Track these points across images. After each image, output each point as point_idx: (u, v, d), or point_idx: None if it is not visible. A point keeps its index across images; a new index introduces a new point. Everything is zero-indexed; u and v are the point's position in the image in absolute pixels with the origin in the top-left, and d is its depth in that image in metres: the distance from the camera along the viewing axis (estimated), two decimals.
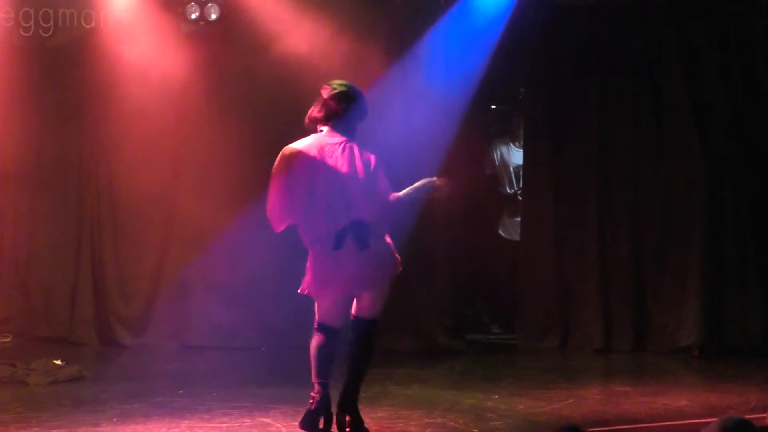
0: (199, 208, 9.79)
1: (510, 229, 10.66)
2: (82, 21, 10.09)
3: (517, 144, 10.61)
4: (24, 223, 10.35)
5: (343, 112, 6.56)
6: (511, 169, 10.67)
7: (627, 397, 7.87)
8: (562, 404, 7.51)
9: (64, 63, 10.26)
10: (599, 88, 9.87)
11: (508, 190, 10.72)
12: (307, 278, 6.55)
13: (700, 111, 9.69)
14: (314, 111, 6.61)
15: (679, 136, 9.71)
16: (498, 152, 10.77)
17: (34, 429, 6.70)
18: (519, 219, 10.43)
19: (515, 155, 10.63)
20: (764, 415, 6.60)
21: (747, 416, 5.20)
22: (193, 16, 9.99)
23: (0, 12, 10.03)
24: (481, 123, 10.79)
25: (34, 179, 10.28)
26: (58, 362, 8.58)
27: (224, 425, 6.78)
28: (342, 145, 6.52)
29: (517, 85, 10.64)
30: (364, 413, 6.75)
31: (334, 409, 6.55)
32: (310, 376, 6.63)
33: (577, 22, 9.89)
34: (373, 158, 6.62)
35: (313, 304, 6.67)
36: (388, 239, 6.63)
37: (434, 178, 6.65)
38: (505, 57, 10.02)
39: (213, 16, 9.98)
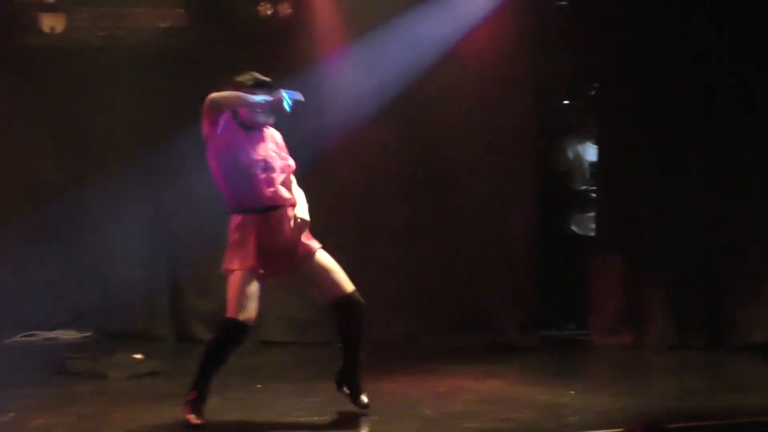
0: None
1: (582, 225, 10.58)
2: (158, 20, 10.16)
3: (591, 141, 10.52)
4: (102, 219, 10.44)
5: None
6: (585, 166, 10.59)
7: (702, 393, 7.79)
8: (637, 400, 7.42)
9: (141, 63, 10.32)
10: (673, 82, 9.73)
11: (581, 187, 10.63)
12: None
13: None
14: None
15: (755, 130, 9.57)
16: (572, 148, 10.70)
17: (115, 422, 6.75)
18: (591, 215, 10.36)
19: (589, 152, 10.54)
20: None
21: None
22: (267, 15, 10.03)
23: (78, 12, 10.14)
24: (555, 119, 10.76)
25: (111, 177, 10.36)
26: (138, 357, 8.64)
27: (302, 419, 6.78)
28: None
29: (590, 81, 10.56)
30: (440, 407, 6.75)
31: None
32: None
33: (650, 16, 9.76)
34: None
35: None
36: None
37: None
38: (577, 51, 9.96)
39: (286, 15, 10.01)
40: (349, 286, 6.86)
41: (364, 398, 6.92)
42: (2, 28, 9.98)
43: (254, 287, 6.67)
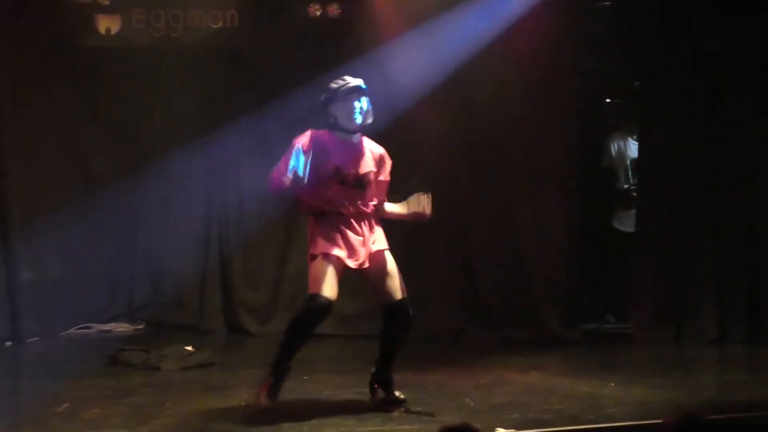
0: None
1: (624, 221, 10.56)
2: (210, 21, 10.25)
3: (634, 137, 10.49)
4: (155, 215, 10.54)
5: None
6: (628, 162, 10.57)
7: (742, 386, 7.77)
8: (678, 393, 7.43)
9: (194, 63, 10.42)
10: (716, 79, 9.71)
11: (624, 185, 10.63)
12: None
13: None
14: None
15: None
16: (615, 145, 10.68)
17: (167, 412, 6.80)
18: (633, 212, 10.36)
19: (632, 148, 10.53)
20: None
21: None
22: (316, 15, 10.10)
23: (134, 14, 10.26)
24: (597, 116, 10.75)
25: (164, 172, 10.46)
26: (189, 348, 8.73)
27: (348, 409, 6.84)
28: None
29: (633, 77, 10.57)
30: (483, 399, 6.85)
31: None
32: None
33: (693, 15, 9.74)
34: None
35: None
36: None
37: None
38: (619, 49, 9.96)
39: (335, 15, 10.08)
40: (400, 293, 6.89)
41: (398, 393, 6.98)
42: (59, 30, 10.09)
43: (332, 271, 6.70)
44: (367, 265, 6.80)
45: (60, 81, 10.16)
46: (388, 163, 7.01)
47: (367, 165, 6.87)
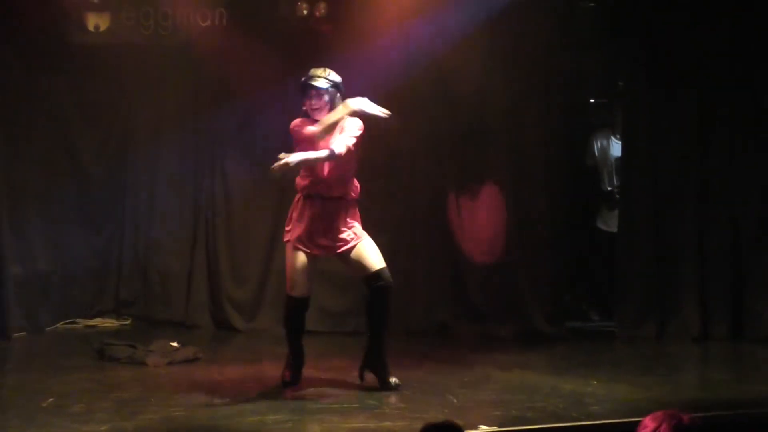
0: None
1: (609, 221, 10.51)
2: (199, 19, 10.19)
3: (617, 136, 10.45)
4: (142, 211, 10.49)
5: None
6: (611, 162, 10.53)
7: (725, 384, 7.76)
8: (660, 391, 7.42)
9: (182, 60, 10.36)
10: (699, 79, 9.68)
11: (607, 186, 10.57)
12: None
13: None
14: None
15: None
16: (598, 143, 10.65)
17: (153, 407, 6.77)
18: (617, 212, 10.30)
19: (615, 147, 10.48)
20: None
21: None
22: (303, 14, 10.05)
23: (123, 11, 10.19)
24: (581, 116, 10.73)
25: (151, 169, 10.42)
26: (175, 344, 8.68)
27: (333, 406, 6.79)
28: None
29: (617, 79, 10.52)
30: (467, 396, 6.83)
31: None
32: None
33: (677, 16, 9.70)
34: None
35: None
36: None
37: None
38: (604, 49, 9.93)
39: (322, 14, 10.02)
40: (379, 263, 7.19)
41: (393, 379, 7.24)
42: (48, 26, 10.01)
43: (303, 262, 7.19)
44: (335, 252, 7.22)
45: (48, 77, 10.08)
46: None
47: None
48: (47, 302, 10.00)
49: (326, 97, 7.24)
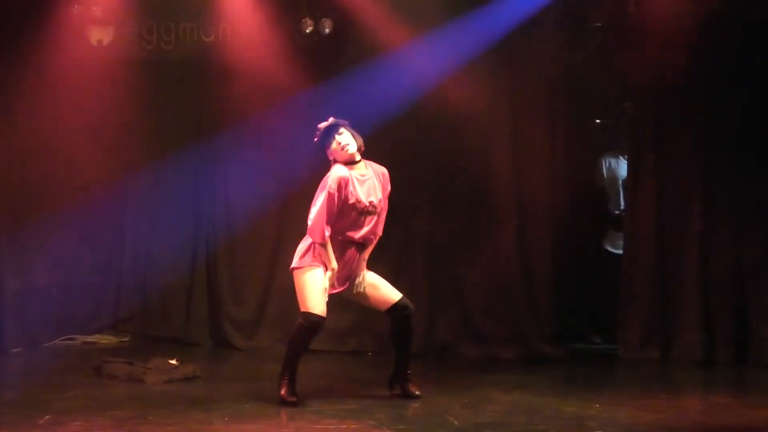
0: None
1: (617, 242, 10.46)
2: (202, 35, 10.21)
3: (626, 156, 10.42)
4: (142, 226, 10.48)
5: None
6: (620, 183, 10.50)
7: (728, 409, 7.70)
8: (663, 415, 7.36)
9: (185, 75, 10.36)
10: (705, 100, 9.68)
11: (614, 210, 10.54)
12: None
13: None
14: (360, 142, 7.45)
15: None
16: (607, 163, 10.64)
17: (150, 425, 6.73)
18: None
19: (623, 167, 10.46)
20: None
21: None
22: (308, 31, 10.06)
23: (126, 26, 10.20)
24: (587, 137, 10.72)
25: (152, 185, 10.42)
26: (174, 362, 8.63)
27: (332, 427, 6.76)
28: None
29: (624, 99, 10.51)
30: (467, 418, 6.82)
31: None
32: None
33: (683, 35, 9.68)
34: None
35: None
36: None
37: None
38: (610, 70, 9.93)
39: (327, 31, 10.03)
40: (396, 296, 7.54)
41: (413, 389, 7.62)
42: (51, 40, 10.01)
43: (320, 285, 7.32)
44: (341, 289, 7.49)
45: (50, 91, 10.06)
46: (389, 179, 7.60)
47: (377, 191, 7.46)
48: (45, 318, 9.97)
49: (348, 130, 7.41)
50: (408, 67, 9.80)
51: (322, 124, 7.46)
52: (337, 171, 7.30)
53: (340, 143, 7.34)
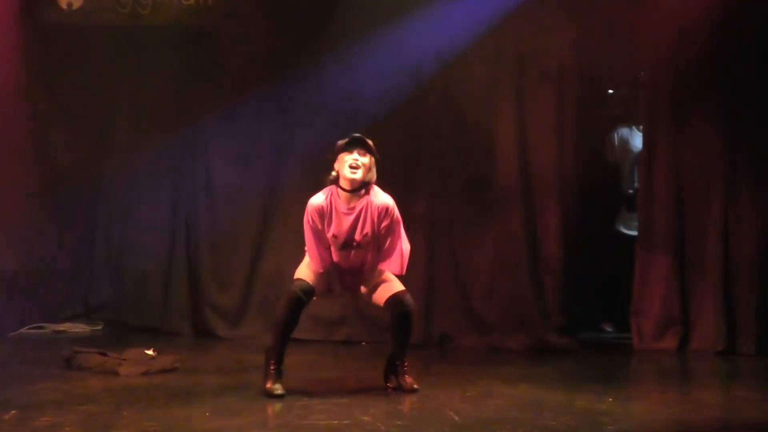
0: (300, 198, 9.81)
1: (629, 223, 10.50)
2: None
3: (640, 127, 10.40)
4: (117, 208, 10.46)
5: None
6: (633, 156, 10.50)
7: (750, 403, 7.70)
8: (681, 409, 7.34)
9: (163, 44, 10.35)
10: (726, 68, 9.67)
11: (628, 184, 10.55)
12: None
13: None
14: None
15: None
16: (618, 138, 10.64)
17: (125, 421, 6.70)
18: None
19: (638, 140, 10.45)
20: None
21: None
22: None
23: None
24: (599, 109, 10.73)
25: (128, 163, 10.40)
26: (151, 352, 8.62)
27: (322, 423, 6.75)
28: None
29: (637, 68, 10.49)
30: (469, 413, 6.83)
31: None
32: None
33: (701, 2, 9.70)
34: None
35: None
36: None
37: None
38: (623, 35, 9.93)
39: None
40: (395, 288, 7.44)
41: (410, 382, 7.57)
42: (17, 4, 9.99)
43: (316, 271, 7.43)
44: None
45: (16, 59, 10.05)
46: (393, 215, 7.40)
47: (365, 225, 7.36)
48: (11, 305, 10.02)
49: (368, 161, 7.36)
50: (410, 39, 9.84)
51: (355, 134, 7.38)
52: (314, 201, 7.38)
53: (356, 160, 7.28)
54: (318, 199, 7.37)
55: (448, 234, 10.01)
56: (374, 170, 7.40)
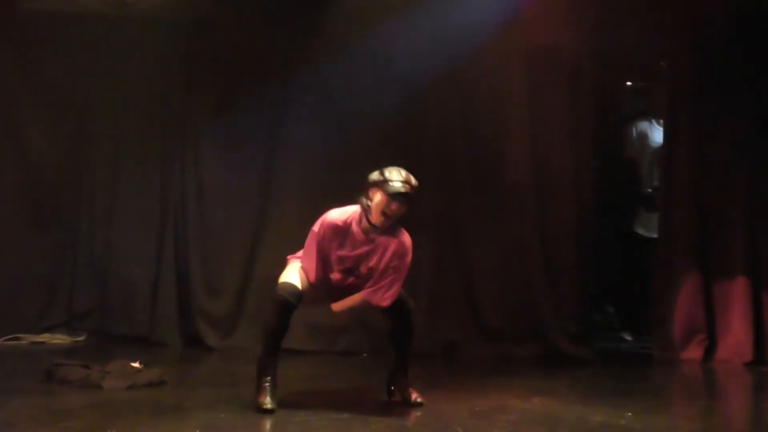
0: (295, 203, 9.77)
1: (648, 225, 10.50)
2: None
3: (660, 121, 10.39)
4: (101, 212, 10.43)
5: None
6: (652, 152, 10.46)
7: None
8: (706, 424, 7.38)
9: (151, 34, 10.32)
10: (752, 59, 9.66)
11: (648, 182, 10.50)
12: None
13: None
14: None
15: None
16: (637, 129, 10.62)
17: None
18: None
19: (658, 134, 10.42)
20: None
21: None
22: None
23: None
24: (617, 102, 10.71)
25: (113, 161, 10.35)
26: (137, 365, 8.58)
27: None
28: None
29: (658, 58, 10.45)
30: (478, 428, 6.83)
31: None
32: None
33: None
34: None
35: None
36: None
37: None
38: (643, 24, 9.88)
39: None
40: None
41: (415, 396, 7.55)
42: None
43: (304, 278, 7.40)
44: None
45: None
46: (406, 260, 7.36)
47: (374, 259, 7.35)
48: None
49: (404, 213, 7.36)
50: (418, 30, 9.83)
51: (400, 178, 7.25)
52: (333, 216, 7.36)
53: (399, 207, 7.20)
54: (338, 216, 7.35)
55: (456, 236, 10.01)
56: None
